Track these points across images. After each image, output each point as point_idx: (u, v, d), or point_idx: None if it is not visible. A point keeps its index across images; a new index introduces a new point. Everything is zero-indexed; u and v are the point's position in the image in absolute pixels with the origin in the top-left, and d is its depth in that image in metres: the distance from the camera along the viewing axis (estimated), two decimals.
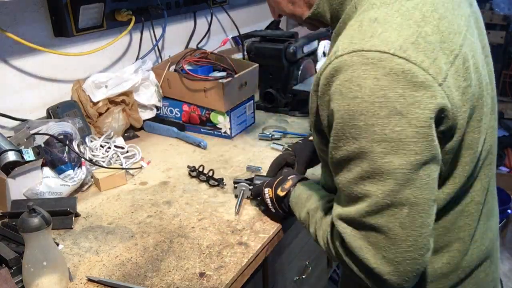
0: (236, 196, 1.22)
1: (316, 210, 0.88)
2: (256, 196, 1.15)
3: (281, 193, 1.03)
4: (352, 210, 0.71)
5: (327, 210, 0.85)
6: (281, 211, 1.06)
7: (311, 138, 1.19)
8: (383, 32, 0.66)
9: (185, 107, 1.68)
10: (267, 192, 1.07)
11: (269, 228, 1.11)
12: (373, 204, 0.68)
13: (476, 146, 0.77)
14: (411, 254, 0.68)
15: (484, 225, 0.88)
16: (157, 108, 1.73)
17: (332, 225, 0.78)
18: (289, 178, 1.05)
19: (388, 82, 0.63)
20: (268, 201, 1.07)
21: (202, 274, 0.96)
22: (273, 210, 1.08)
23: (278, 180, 1.06)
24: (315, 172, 1.28)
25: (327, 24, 0.87)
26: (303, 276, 1.50)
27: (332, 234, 0.79)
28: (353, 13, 0.76)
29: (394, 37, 0.65)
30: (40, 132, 1.29)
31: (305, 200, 0.94)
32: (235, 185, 1.22)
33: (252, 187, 1.18)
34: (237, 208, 1.16)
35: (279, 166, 1.20)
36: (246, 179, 1.22)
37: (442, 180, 0.76)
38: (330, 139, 0.72)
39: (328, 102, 0.71)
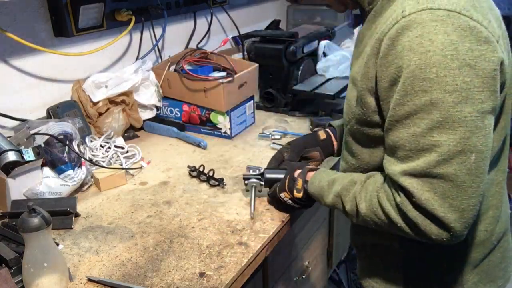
0: (247, 191, 1.20)
1: (348, 188, 0.90)
2: (273, 199, 1.17)
3: (298, 194, 1.06)
4: (420, 162, 0.74)
5: (365, 182, 0.88)
6: (308, 206, 1.11)
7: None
8: None
9: (185, 107, 1.68)
10: (285, 196, 1.10)
11: (269, 228, 1.11)
12: (445, 152, 0.72)
13: (509, 112, 0.86)
14: (473, 200, 0.73)
15: (505, 194, 0.95)
16: (157, 108, 1.73)
17: (384, 188, 0.81)
18: (296, 176, 1.07)
19: (457, 36, 0.69)
20: (290, 202, 1.10)
21: (202, 274, 0.96)
22: (299, 206, 1.11)
23: (287, 182, 1.09)
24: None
25: (361, 5, 0.89)
26: (303, 276, 1.50)
27: (382, 198, 0.81)
28: None
29: (456, 0, 0.72)
30: (40, 132, 1.29)
31: (327, 187, 0.96)
32: (246, 182, 1.20)
33: (263, 182, 1.17)
34: (252, 208, 1.15)
35: (278, 162, 1.21)
36: (256, 174, 1.20)
37: None
38: (394, 97, 0.75)
39: (392, 61, 0.74)
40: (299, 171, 1.08)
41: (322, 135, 1.23)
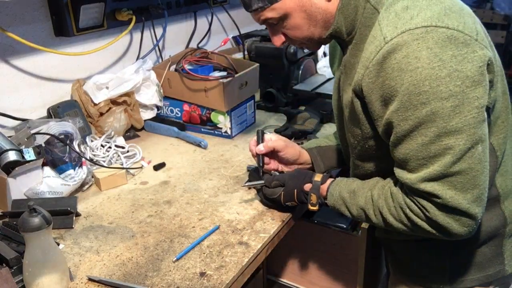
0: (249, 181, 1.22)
1: (369, 201, 0.95)
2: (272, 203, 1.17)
3: (314, 208, 1.07)
4: (436, 167, 0.80)
5: (385, 194, 0.92)
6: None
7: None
8: (419, 13, 0.79)
9: (186, 107, 1.68)
10: (291, 204, 1.11)
11: (270, 228, 1.11)
12: (457, 152, 0.78)
13: (507, 93, 0.92)
14: (486, 183, 0.82)
15: None
16: (158, 107, 1.73)
17: (406, 202, 0.87)
18: (308, 191, 1.07)
19: (439, 48, 0.76)
20: (295, 206, 1.13)
21: (202, 274, 0.96)
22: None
23: (295, 195, 1.09)
24: None
25: (340, 38, 0.95)
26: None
27: (411, 208, 0.86)
28: (373, 14, 0.87)
29: (429, 14, 0.78)
30: (41, 131, 1.29)
31: (350, 199, 0.99)
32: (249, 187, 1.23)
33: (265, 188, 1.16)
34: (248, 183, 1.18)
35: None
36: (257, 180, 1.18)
37: (497, 123, 0.91)
38: (395, 115, 0.81)
39: (383, 83, 0.80)
40: (309, 185, 1.07)
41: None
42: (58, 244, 1.04)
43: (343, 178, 1.06)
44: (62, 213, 1.12)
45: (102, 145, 1.44)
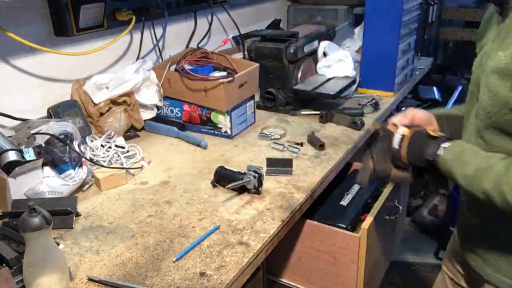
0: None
1: (489, 166, 0.86)
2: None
3: (433, 133, 0.96)
4: None
5: (508, 162, 0.85)
6: (403, 157, 0.99)
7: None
8: None
9: (186, 107, 1.68)
10: (401, 131, 0.99)
11: (270, 228, 1.11)
12: None
13: None
14: None
15: None
16: (158, 107, 1.73)
17: None
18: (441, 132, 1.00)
19: None
20: (397, 138, 0.99)
21: (202, 274, 0.96)
22: (395, 151, 0.99)
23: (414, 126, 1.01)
24: None
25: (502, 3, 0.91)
26: None
27: None
28: None
29: None
30: (41, 131, 1.29)
31: (471, 158, 0.90)
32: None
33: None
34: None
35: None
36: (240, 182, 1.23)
37: None
38: None
39: None
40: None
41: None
42: (58, 244, 1.04)
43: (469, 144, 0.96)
44: (62, 213, 1.12)
45: (102, 145, 1.44)
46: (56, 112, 1.47)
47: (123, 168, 1.36)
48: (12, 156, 1.14)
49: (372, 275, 1.50)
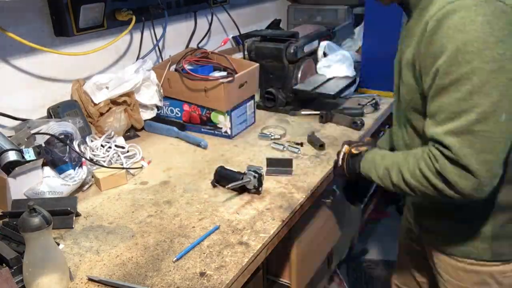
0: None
1: (395, 162, 1.03)
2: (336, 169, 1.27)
3: (355, 151, 1.19)
4: (460, 122, 0.87)
5: (408, 154, 1.01)
6: (345, 169, 1.22)
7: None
8: None
9: (186, 107, 1.68)
10: (344, 149, 1.23)
11: (270, 228, 1.11)
12: (482, 112, 0.85)
13: None
14: (502, 155, 0.88)
15: None
16: (158, 107, 1.73)
17: (426, 155, 0.94)
18: (365, 143, 1.22)
19: (493, 17, 0.84)
20: (340, 156, 1.23)
21: (202, 274, 0.96)
22: (338, 168, 1.25)
23: (356, 142, 1.25)
24: None
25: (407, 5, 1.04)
26: None
27: (426, 161, 0.94)
28: None
29: None
30: (41, 131, 1.29)
31: (380, 161, 1.09)
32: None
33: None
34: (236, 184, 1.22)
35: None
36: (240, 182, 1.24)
37: None
38: (439, 67, 0.89)
39: (438, 39, 0.89)
40: (370, 145, 1.22)
41: None
42: (58, 244, 1.04)
43: (382, 149, 1.17)
44: (62, 213, 1.12)
45: (102, 145, 1.44)
46: (56, 112, 1.47)
47: (123, 168, 1.36)
48: (12, 156, 1.14)
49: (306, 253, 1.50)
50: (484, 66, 0.85)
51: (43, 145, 1.25)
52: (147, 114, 1.70)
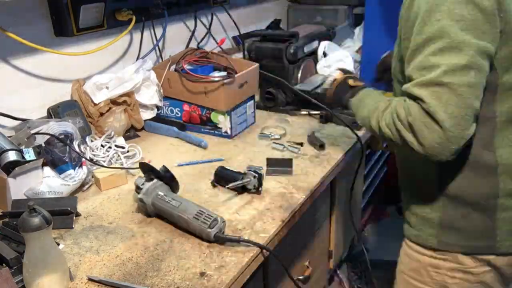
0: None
1: (376, 107, 1.08)
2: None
3: (353, 83, 1.23)
4: (431, 74, 0.91)
5: (388, 104, 1.05)
6: (335, 96, 1.27)
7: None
8: None
9: (186, 107, 1.68)
10: (336, 75, 1.27)
11: (270, 228, 1.11)
12: (451, 66, 0.89)
13: None
14: (469, 110, 0.90)
15: None
16: (158, 107, 1.73)
17: (402, 108, 0.97)
18: (362, 82, 1.25)
19: None
20: (330, 79, 1.29)
21: (202, 274, 0.96)
22: (330, 92, 1.28)
23: (350, 72, 1.30)
24: None
25: None
26: (303, 276, 1.50)
27: (399, 111, 0.97)
28: None
29: None
30: (41, 131, 1.29)
31: (369, 101, 1.13)
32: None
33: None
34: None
35: (386, 68, 1.40)
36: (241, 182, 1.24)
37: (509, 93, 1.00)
38: (414, 29, 0.95)
39: (415, 4, 0.96)
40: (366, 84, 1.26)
41: None
42: (58, 244, 1.04)
43: (376, 91, 1.20)
44: (62, 213, 1.12)
45: (102, 145, 1.44)
46: (56, 112, 1.47)
47: (123, 168, 1.36)
48: (12, 156, 1.14)
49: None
50: (453, 24, 0.89)
51: (43, 145, 1.25)
52: (147, 114, 1.70)
